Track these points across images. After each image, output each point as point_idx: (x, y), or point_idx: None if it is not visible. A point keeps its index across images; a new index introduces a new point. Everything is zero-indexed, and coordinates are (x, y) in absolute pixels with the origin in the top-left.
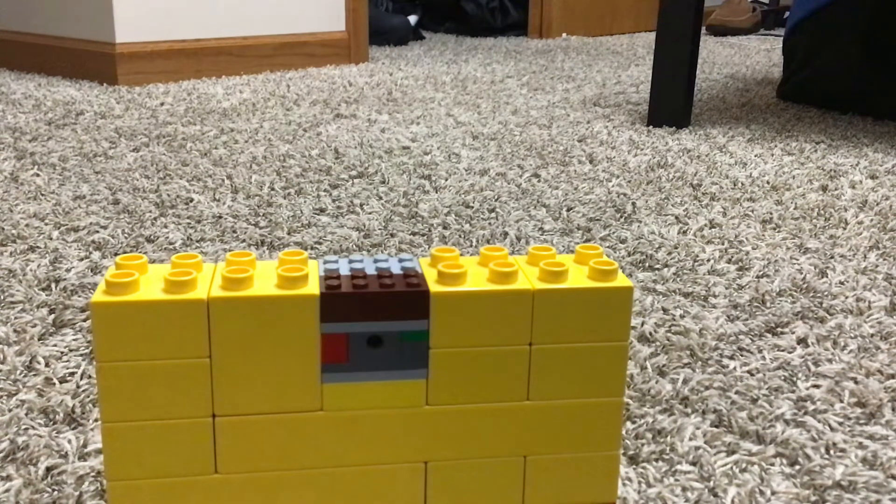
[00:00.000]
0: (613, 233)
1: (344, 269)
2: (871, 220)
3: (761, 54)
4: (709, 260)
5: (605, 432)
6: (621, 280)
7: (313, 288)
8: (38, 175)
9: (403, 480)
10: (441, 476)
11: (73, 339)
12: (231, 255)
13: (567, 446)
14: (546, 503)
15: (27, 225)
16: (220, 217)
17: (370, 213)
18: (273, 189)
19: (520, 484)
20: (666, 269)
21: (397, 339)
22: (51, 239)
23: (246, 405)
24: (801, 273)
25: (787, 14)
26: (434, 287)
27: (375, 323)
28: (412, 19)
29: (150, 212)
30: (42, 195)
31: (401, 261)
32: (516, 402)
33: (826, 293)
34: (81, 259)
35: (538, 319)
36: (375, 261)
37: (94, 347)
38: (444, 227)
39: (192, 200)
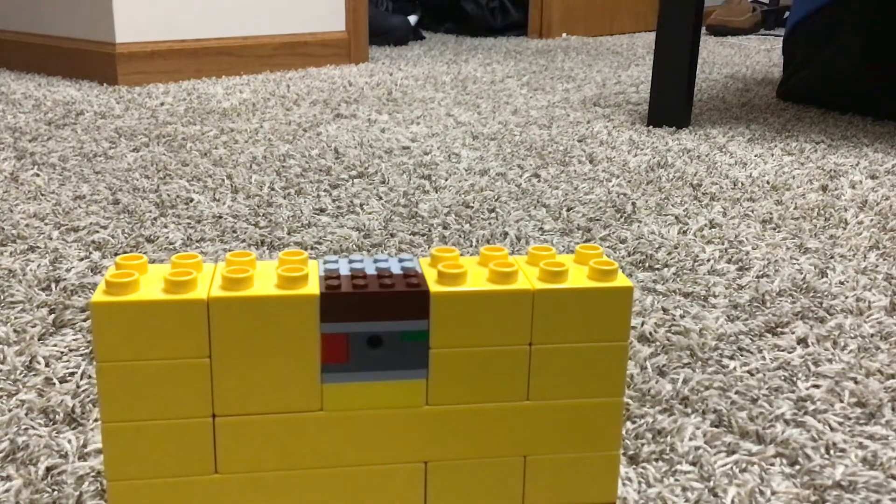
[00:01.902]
0: (613, 233)
1: (344, 269)
2: (871, 220)
3: (761, 54)
4: (709, 260)
5: (605, 432)
6: (621, 280)
7: (313, 288)
8: (38, 175)
9: (403, 480)
10: (441, 476)
11: (73, 339)
12: (231, 255)
13: (567, 446)
14: (546, 503)
15: (27, 225)
16: (220, 217)
17: (370, 213)
18: (273, 189)
19: (520, 484)
20: (666, 269)
21: (397, 339)
22: (51, 239)
23: (246, 405)
24: (801, 273)
25: (787, 14)
26: (434, 287)
27: (375, 323)
28: (412, 19)
29: (150, 212)
30: (42, 195)
31: (401, 261)
32: (516, 402)
33: (826, 293)
34: (81, 259)
35: (538, 319)
36: (375, 261)
37: (94, 347)
38: (444, 227)
39: (192, 200)
